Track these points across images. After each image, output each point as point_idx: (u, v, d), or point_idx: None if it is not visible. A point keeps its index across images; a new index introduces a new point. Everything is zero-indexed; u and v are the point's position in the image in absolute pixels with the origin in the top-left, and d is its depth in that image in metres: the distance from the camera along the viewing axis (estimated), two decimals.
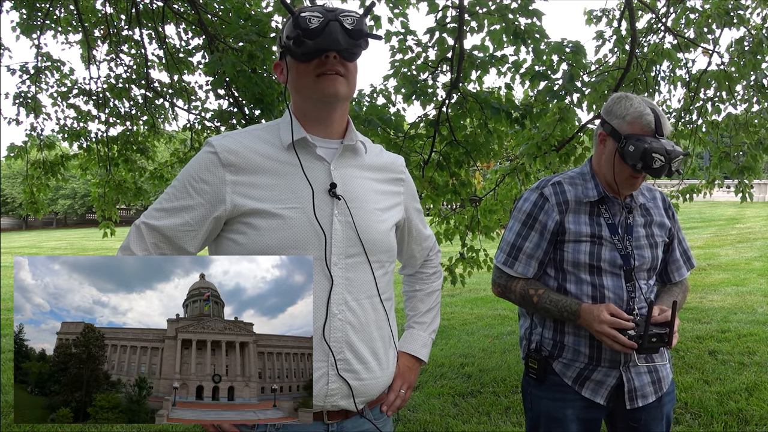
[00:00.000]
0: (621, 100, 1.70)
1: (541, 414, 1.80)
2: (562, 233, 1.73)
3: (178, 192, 1.28)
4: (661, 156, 1.59)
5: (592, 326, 1.63)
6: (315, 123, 1.32)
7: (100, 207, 5.95)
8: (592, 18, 5.54)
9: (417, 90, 4.00)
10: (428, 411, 3.98)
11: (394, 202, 1.43)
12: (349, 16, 1.23)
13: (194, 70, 5.67)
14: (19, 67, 5.84)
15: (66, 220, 51.21)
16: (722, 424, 3.58)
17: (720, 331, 5.81)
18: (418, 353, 1.51)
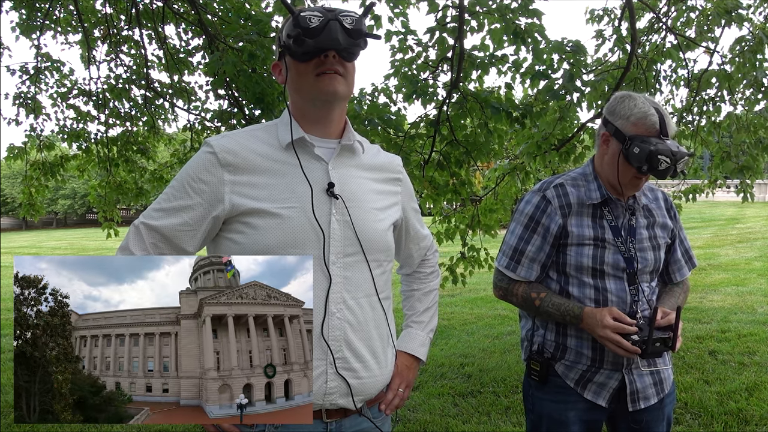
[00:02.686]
0: (624, 100, 1.67)
1: (543, 416, 1.79)
2: (564, 236, 1.71)
3: (177, 192, 1.28)
4: (666, 158, 1.57)
5: (596, 331, 1.61)
6: (313, 123, 1.32)
7: (100, 208, 5.95)
8: (594, 17, 5.53)
9: (417, 89, 4.00)
10: (428, 411, 3.98)
11: (392, 202, 1.43)
12: (349, 15, 1.25)
13: (194, 71, 5.67)
14: (19, 68, 5.84)
15: (66, 220, 51.22)
16: (722, 424, 3.58)
17: (720, 331, 5.80)
18: (417, 352, 1.52)
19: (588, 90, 4.14)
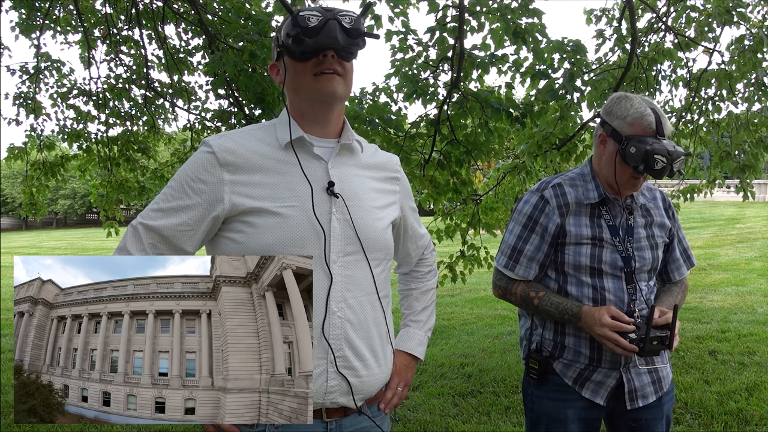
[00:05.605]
0: (621, 101, 1.68)
1: (541, 414, 1.79)
2: (563, 236, 1.72)
3: (176, 192, 1.27)
4: (662, 157, 1.58)
5: (594, 329, 1.62)
6: (312, 122, 1.33)
7: (102, 207, 5.94)
8: (592, 17, 5.53)
9: (418, 89, 4.00)
10: (428, 411, 3.98)
11: (391, 201, 1.44)
12: (348, 15, 1.25)
13: (194, 71, 5.66)
14: (19, 68, 5.84)
15: (66, 220, 51.22)
16: (722, 424, 3.58)
17: (720, 331, 5.80)
18: (415, 351, 1.52)
19: (588, 90, 4.14)
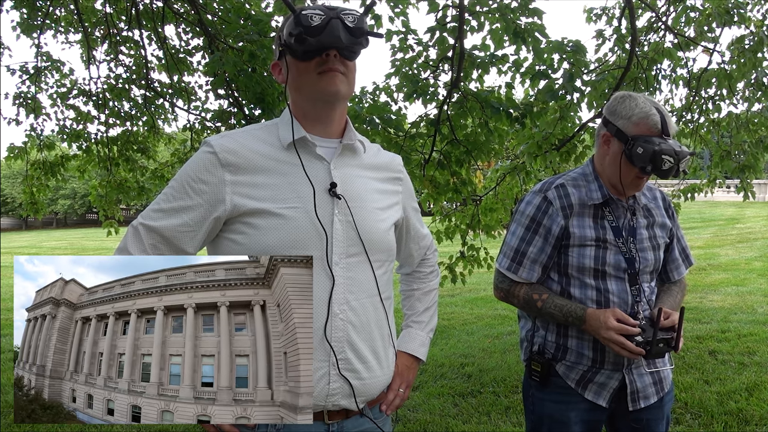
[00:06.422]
0: (625, 100, 1.66)
1: (544, 416, 1.78)
2: (566, 238, 1.70)
3: (177, 192, 1.26)
4: (670, 157, 1.57)
5: (599, 333, 1.61)
6: (315, 122, 1.31)
7: (101, 206, 5.94)
8: (592, 17, 5.53)
9: (418, 89, 4.00)
10: (428, 411, 3.97)
11: (393, 201, 1.43)
12: (351, 14, 1.23)
13: (194, 71, 5.66)
14: (19, 67, 5.83)
15: (66, 220, 51.18)
16: (722, 424, 3.57)
17: (720, 331, 5.80)
18: (416, 352, 1.51)
19: (588, 90, 4.14)
